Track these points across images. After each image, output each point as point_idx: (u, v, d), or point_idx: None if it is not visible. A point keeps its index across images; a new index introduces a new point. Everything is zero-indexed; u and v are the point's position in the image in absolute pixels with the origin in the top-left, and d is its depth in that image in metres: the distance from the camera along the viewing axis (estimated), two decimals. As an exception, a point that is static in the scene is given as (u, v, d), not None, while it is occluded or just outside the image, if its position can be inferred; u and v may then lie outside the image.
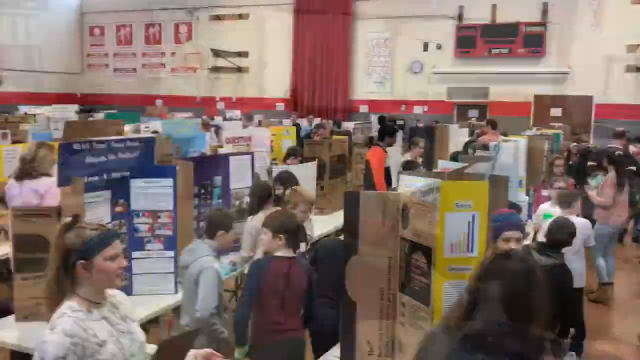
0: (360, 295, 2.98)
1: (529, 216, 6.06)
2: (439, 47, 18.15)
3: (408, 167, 6.26)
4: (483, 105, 17.94)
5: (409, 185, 3.52)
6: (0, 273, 6.44)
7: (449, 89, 18.28)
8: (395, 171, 7.74)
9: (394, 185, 7.07)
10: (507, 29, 17.09)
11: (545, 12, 16.80)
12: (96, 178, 3.56)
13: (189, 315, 3.65)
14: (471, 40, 17.56)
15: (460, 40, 17.75)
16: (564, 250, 4.01)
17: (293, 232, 3.47)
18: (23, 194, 4.86)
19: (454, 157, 6.87)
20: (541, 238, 4.26)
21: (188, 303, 3.68)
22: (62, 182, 3.33)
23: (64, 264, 2.13)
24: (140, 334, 2.29)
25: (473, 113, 17.98)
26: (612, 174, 7.05)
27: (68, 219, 2.21)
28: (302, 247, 4.59)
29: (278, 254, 3.45)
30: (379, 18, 18.84)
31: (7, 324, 3.55)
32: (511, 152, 6.42)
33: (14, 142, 7.58)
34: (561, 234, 3.96)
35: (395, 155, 8.31)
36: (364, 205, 2.91)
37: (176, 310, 4.81)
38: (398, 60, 18.83)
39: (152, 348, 2.39)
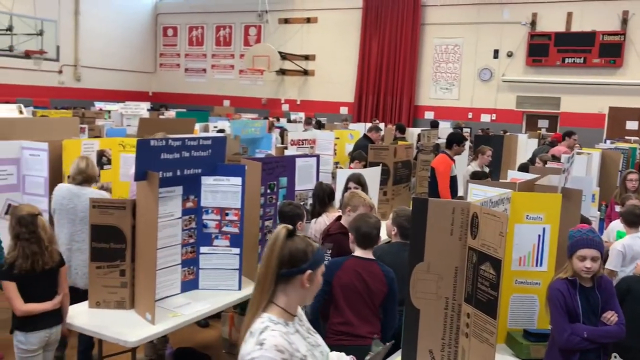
0: (424, 303, 2.95)
1: (600, 232, 5.84)
2: (509, 54, 17.76)
3: (477, 177, 6.12)
4: (554, 116, 17.42)
5: (478, 194, 3.47)
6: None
7: (518, 98, 17.86)
8: (462, 181, 7.62)
9: (460, 194, 6.95)
10: (582, 37, 16.54)
11: (625, 21, 16.15)
12: (170, 174, 3.68)
13: None
14: (544, 48, 17.09)
15: (533, 48, 17.31)
16: None
17: (364, 235, 3.47)
18: None
19: (523, 168, 6.70)
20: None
21: None
22: (139, 176, 3.46)
23: (282, 271, 2.01)
24: (325, 347, 2.21)
25: (543, 123, 17.50)
26: None
27: (289, 227, 2.07)
28: None
29: (356, 254, 3.47)
30: (449, 24, 18.62)
31: (81, 310, 3.72)
32: (584, 165, 6.23)
33: (91, 137, 7.92)
34: None
35: (462, 164, 8.19)
36: (432, 213, 2.88)
37: (237, 307, 4.92)
38: (466, 66, 18.55)
39: None
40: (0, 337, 4.85)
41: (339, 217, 4.42)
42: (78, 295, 3.95)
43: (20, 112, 10.91)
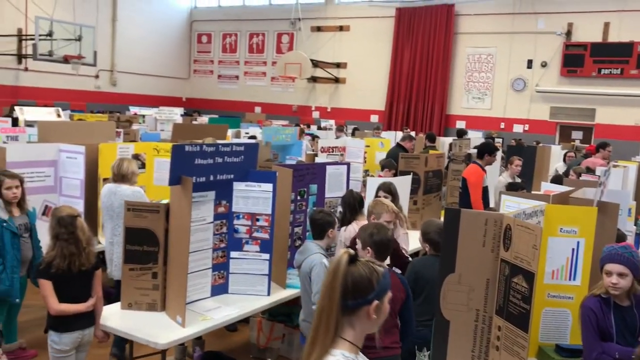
0: (454, 315, 2.93)
1: (636, 247, 5.71)
2: (544, 64, 17.52)
3: (513, 188, 6.06)
4: (588, 127, 17.11)
5: (512, 206, 3.44)
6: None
7: (552, 109, 17.60)
8: (493, 191, 7.52)
9: (491, 205, 6.87)
10: (619, 48, 16.23)
11: (664, 31, 15.81)
12: (203, 179, 3.73)
13: (306, 310, 3.89)
14: (579, 58, 16.82)
15: (567, 59, 17.05)
16: None
17: (381, 245, 3.45)
18: None
19: (556, 179, 6.60)
20: None
21: (304, 299, 3.91)
22: (173, 181, 3.51)
23: (347, 303, 1.79)
24: None
25: (577, 135, 17.20)
26: None
27: (350, 251, 1.89)
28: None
29: None
30: (482, 33, 18.47)
31: (114, 311, 3.80)
32: (620, 178, 6.10)
33: (126, 141, 8.04)
34: None
35: (493, 174, 8.09)
36: (464, 224, 2.86)
37: (265, 312, 4.95)
38: (499, 76, 18.35)
39: None
40: (35, 335, 4.98)
41: (368, 226, 4.42)
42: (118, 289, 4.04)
43: (58, 115, 11.20)
